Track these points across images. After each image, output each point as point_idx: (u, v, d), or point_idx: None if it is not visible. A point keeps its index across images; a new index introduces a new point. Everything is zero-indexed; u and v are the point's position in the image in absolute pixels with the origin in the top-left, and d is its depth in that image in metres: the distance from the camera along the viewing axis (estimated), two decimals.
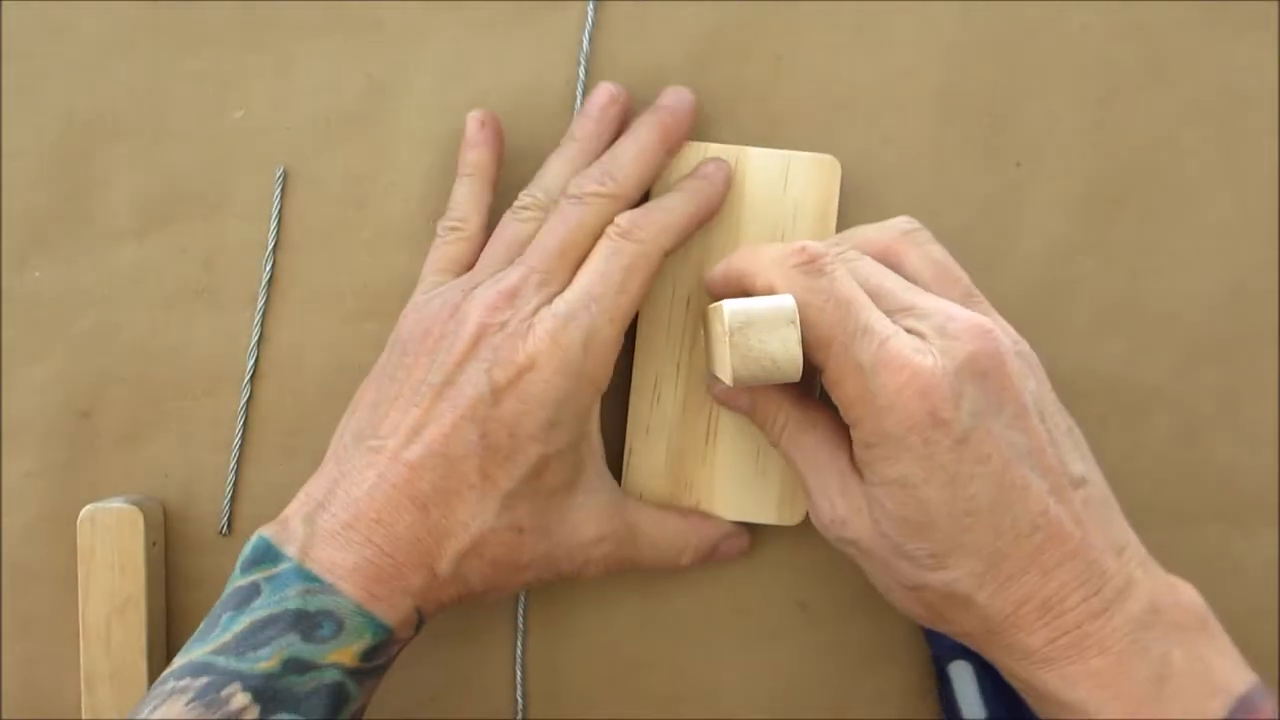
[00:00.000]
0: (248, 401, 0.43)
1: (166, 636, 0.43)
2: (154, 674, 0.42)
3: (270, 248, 0.43)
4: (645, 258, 0.37)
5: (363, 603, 0.35)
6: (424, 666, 0.43)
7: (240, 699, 0.33)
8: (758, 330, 0.33)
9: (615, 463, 0.42)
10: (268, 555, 0.36)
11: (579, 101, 0.42)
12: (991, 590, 0.33)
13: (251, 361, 0.43)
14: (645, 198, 0.41)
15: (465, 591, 0.37)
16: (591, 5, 0.42)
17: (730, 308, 0.33)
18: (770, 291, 0.35)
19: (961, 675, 0.41)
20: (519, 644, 0.43)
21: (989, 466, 0.33)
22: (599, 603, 0.44)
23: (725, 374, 0.35)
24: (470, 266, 0.40)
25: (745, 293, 0.36)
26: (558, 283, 0.37)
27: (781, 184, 0.41)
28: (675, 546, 0.40)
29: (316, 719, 0.34)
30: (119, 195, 0.43)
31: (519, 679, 0.43)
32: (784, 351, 0.33)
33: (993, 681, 0.40)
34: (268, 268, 0.43)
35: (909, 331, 0.34)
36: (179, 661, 0.35)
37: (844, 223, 0.42)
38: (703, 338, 0.41)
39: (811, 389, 0.40)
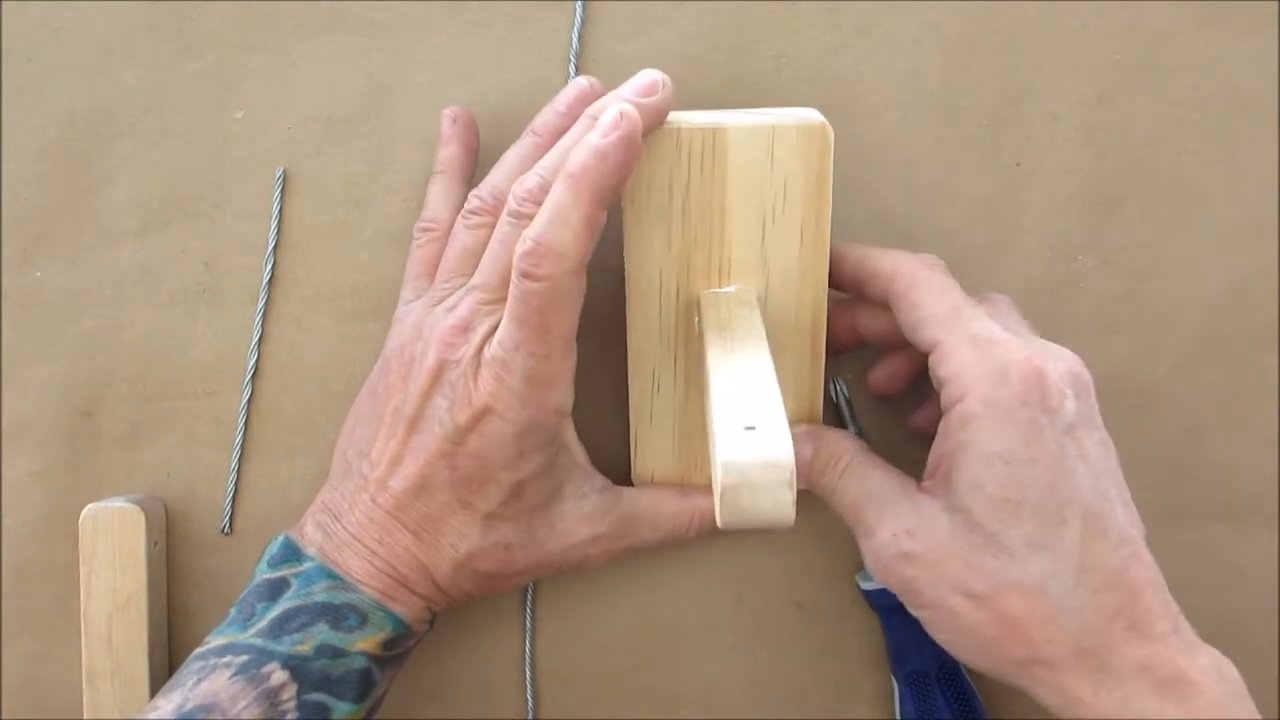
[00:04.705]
0: (249, 401, 0.43)
1: (168, 635, 0.43)
2: (155, 672, 0.42)
3: (270, 248, 0.43)
4: (553, 293, 0.35)
5: (381, 601, 0.37)
6: (432, 667, 0.43)
7: (279, 675, 0.35)
8: (751, 490, 0.30)
9: (623, 450, 0.42)
10: (293, 554, 0.38)
11: None
12: (1082, 597, 0.32)
13: (252, 361, 0.43)
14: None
15: (465, 596, 0.39)
16: (580, 4, 0.42)
17: (724, 459, 0.30)
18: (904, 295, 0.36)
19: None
20: (527, 644, 0.44)
21: (1089, 466, 0.33)
22: (601, 603, 0.44)
23: (712, 500, 0.34)
24: None
25: (862, 287, 0.38)
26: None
27: (767, 159, 0.37)
28: (678, 523, 0.41)
29: (347, 701, 0.36)
30: (120, 195, 0.43)
31: (528, 678, 0.44)
32: (776, 511, 0.30)
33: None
34: (268, 268, 0.43)
35: None
36: (214, 642, 0.37)
37: (844, 220, 0.42)
38: (696, 323, 0.40)
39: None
